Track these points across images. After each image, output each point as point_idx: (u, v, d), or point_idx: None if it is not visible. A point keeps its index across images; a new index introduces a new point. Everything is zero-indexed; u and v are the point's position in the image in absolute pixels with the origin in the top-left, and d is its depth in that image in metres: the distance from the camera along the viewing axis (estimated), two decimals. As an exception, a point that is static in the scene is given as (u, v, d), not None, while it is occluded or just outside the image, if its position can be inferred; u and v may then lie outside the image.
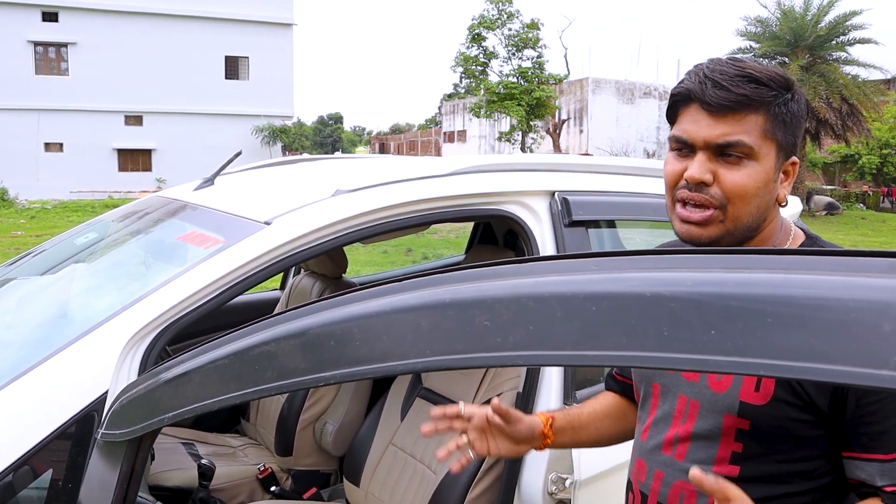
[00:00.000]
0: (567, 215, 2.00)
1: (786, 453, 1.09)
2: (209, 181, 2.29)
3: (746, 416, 1.10)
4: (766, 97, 1.08)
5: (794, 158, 1.14)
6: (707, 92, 1.08)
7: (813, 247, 1.18)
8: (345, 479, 2.48)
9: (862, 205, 32.06)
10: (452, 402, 2.28)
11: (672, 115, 1.16)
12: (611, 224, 2.26)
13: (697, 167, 1.10)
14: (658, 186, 2.25)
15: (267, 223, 1.71)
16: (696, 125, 1.10)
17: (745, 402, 1.10)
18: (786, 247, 1.18)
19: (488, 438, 1.24)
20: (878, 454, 1.02)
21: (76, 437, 1.39)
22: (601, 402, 1.46)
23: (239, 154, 2.46)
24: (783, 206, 1.16)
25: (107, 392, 1.42)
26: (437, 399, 2.35)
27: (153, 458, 2.07)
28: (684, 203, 1.12)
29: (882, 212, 30.93)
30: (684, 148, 1.13)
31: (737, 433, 1.11)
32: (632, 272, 0.64)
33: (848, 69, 25.54)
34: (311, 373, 0.81)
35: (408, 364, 0.75)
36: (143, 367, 1.48)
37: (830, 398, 1.05)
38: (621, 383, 1.46)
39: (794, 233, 1.19)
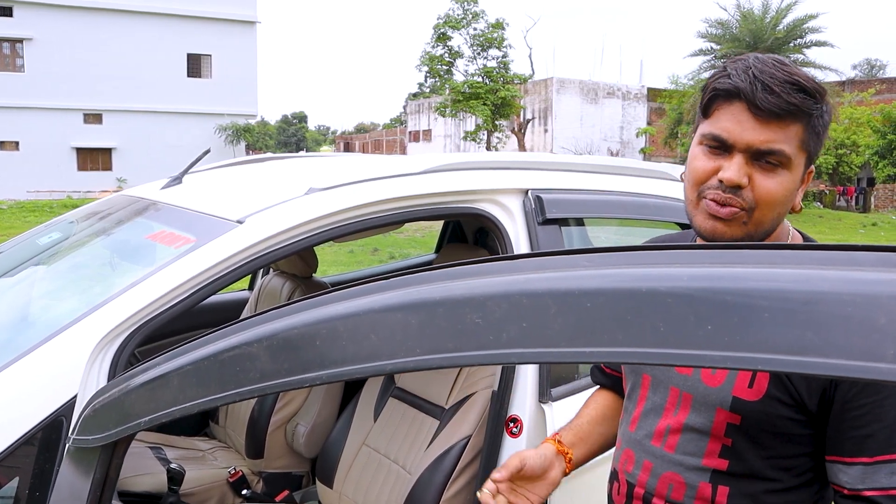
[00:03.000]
0: (541, 213, 2.01)
1: (774, 450, 1.11)
2: (177, 179, 2.24)
3: (738, 411, 1.11)
4: (810, 108, 1.05)
5: (812, 167, 1.13)
6: (758, 94, 1.03)
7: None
8: (318, 481, 2.46)
9: (819, 203, 32.83)
10: (426, 401, 2.29)
11: (707, 108, 1.11)
12: (584, 222, 2.27)
13: (736, 170, 1.06)
14: (629, 184, 2.28)
15: (239, 222, 1.68)
16: (740, 126, 1.06)
17: (737, 397, 1.11)
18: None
19: (522, 493, 1.25)
20: (861, 458, 1.02)
21: (43, 443, 1.35)
22: (594, 406, 1.47)
23: (207, 152, 2.42)
24: (797, 213, 1.16)
25: (75, 396, 1.38)
26: (410, 399, 2.34)
27: (121, 463, 2.02)
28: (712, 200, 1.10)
29: (838, 210, 31.73)
30: (720, 147, 1.09)
31: (727, 428, 1.12)
32: (626, 268, 0.64)
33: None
34: (295, 373, 0.80)
35: (396, 363, 0.74)
36: (114, 370, 1.44)
37: (819, 399, 1.06)
38: (610, 377, 1.47)
39: (792, 234, 1.20)
